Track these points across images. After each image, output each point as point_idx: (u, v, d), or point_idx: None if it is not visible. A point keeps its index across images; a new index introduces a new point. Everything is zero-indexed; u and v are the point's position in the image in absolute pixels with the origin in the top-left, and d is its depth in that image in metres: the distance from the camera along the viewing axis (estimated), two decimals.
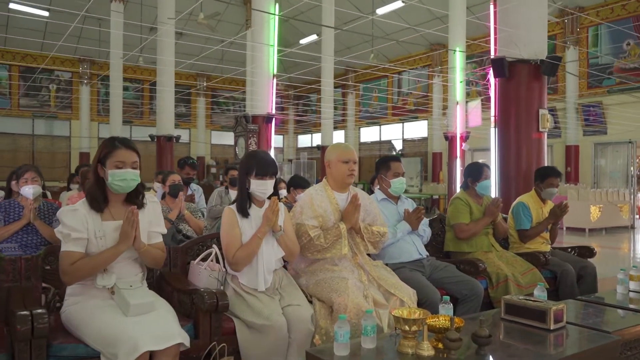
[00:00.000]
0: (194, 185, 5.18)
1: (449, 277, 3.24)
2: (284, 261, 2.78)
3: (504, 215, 4.08)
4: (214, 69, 20.09)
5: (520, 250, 3.92)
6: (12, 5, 16.26)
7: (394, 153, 20.04)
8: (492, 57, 5.03)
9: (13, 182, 3.61)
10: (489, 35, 5.66)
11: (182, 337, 2.03)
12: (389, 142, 21.18)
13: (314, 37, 17.69)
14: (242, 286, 2.53)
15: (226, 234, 2.55)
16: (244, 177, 2.61)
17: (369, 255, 3.10)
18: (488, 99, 6.38)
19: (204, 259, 2.70)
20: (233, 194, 6.36)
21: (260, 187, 2.58)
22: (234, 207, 2.61)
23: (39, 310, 1.91)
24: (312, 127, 23.27)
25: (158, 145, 12.78)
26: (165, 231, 2.39)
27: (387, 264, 3.23)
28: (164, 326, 2.04)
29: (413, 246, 3.33)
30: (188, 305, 2.41)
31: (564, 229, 10.38)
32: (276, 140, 24.82)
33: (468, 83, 14.96)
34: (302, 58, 15.78)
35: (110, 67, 15.12)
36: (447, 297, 2.35)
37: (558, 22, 14.07)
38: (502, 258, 3.66)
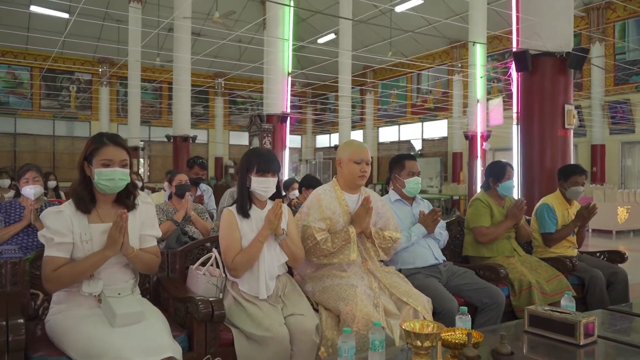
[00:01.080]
0: (203, 186, 5.03)
1: (467, 283, 3.01)
2: (289, 267, 2.59)
3: (527, 218, 3.83)
4: (232, 69, 20.06)
5: (545, 255, 3.67)
6: (32, 8, 16.46)
7: (413, 153, 19.74)
8: (514, 50, 4.77)
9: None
10: (511, 31, 5.39)
11: (172, 350, 1.87)
12: (408, 142, 20.88)
13: (331, 35, 17.49)
14: (242, 293, 2.35)
15: (225, 237, 2.38)
16: (244, 174, 2.44)
17: (381, 260, 2.91)
18: (510, 96, 6.11)
19: (203, 264, 2.54)
20: None
21: (262, 185, 2.40)
22: (233, 208, 2.44)
23: (18, 321, 1.77)
24: (330, 127, 23.08)
25: (174, 146, 12.74)
26: (159, 234, 2.23)
27: (400, 270, 3.03)
28: (154, 338, 1.88)
29: (429, 250, 3.12)
30: (183, 314, 2.24)
31: (590, 231, 10.00)
32: (294, 141, 24.95)
33: (489, 80, 14.60)
34: (320, 57, 15.62)
35: (128, 68, 15.17)
36: (465, 308, 2.13)
37: (583, 17, 13.63)
38: (526, 263, 3.42)
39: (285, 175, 8.50)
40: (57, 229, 1.94)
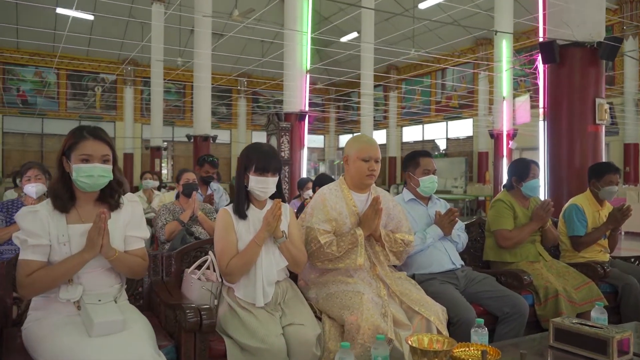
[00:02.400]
0: (214, 185, 4.89)
1: (487, 291, 2.77)
2: (292, 272, 2.40)
3: (554, 220, 3.55)
4: (254, 70, 20.02)
5: (574, 260, 3.40)
6: (58, 10, 16.72)
7: (437, 153, 19.37)
8: (540, 40, 4.47)
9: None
10: (537, 21, 5.09)
11: None
12: (432, 141, 20.49)
13: (354, 34, 17.26)
14: (237, 300, 2.17)
15: (220, 239, 2.20)
16: (242, 172, 2.26)
17: (394, 265, 2.69)
18: (537, 92, 5.79)
19: (199, 267, 2.37)
20: None
21: (260, 184, 2.22)
22: (230, 208, 2.26)
23: None
24: (353, 126, 22.83)
25: (195, 145, 12.70)
26: (147, 235, 2.07)
27: (414, 275, 2.81)
28: (135, 349, 1.71)
29: (445, 254, 2.88)
30: (172, 323, 2.07)
31: (623, 234, 9.54)
32: (316, 140, 24.80)
33: (516, 77, 14.13)
34: (343, 56, 15.43)
35: (150, 69, 15.24)
36: (481, 320, 1.91)
37: (615, 10, 13.08)
38: (552, 269, 3.15)
39: (304, 174, 8.32)
40: (31, 230, 1.79)
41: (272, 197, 2.32)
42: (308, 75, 8.39)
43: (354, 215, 2.47)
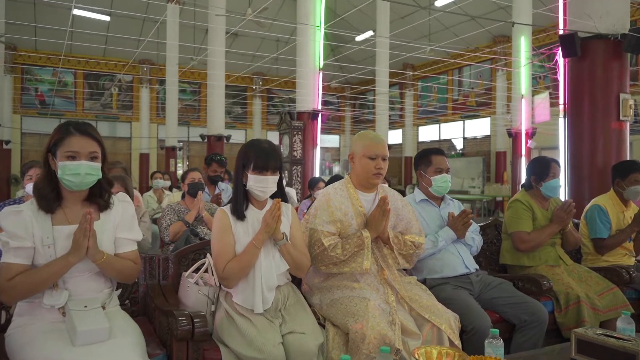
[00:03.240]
0: (222, 185, 4.78)
1: (503, 297, 2.60)
2: (293, 276, 2.27)
3: (576, 221, 3.37)
4: (269, 70, 19.97)
5: (597, 264, 3.21)
6: (75, 12, 16.86)
7: (454, 153, 19.07)
8: (560, 33, 4.26)
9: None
10: (558, 20, 4.87)
11: None
12: (449, 140, 20.18)
13: (369, 33, 17.08)
14: (235, 306, 2.04)
15: (217, 241, 2.08)
16: (240, 170, 2.13)
17: (404, 269, 2.55)
18: (557, 89, 5.57)
19: (197, 270, 2.25)
20: None
21: (259, 183, 2.09)
22: (227, 208, 2.14)
23: None
24: (368, 126, 22.63)
25: (208, 145, 12.68)
26: (139, 237, 1.95)
27: (425, 280, 2.66)
28: (121, 359, 1.60)
29: (458, 258, 2.72)
30: (165, 330, 1.95)
31: None
32: (331, 140, 24.66)
33: (535, 75, 13.80)
34: (358, 55, 15.27)
35: (166, 69, 15.27)
36: (496, 331, 1.76)
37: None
38: (573, 274, 2.97)
39: (317, 174, 8.19)
40: (14, 231, 1.69)
41: (273, 196, 2.19)
42: (321, 73, 8.24)
43: (361, 216, 2.33)
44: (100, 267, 1.78)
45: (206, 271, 2.22)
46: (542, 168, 3.09)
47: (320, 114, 8.33)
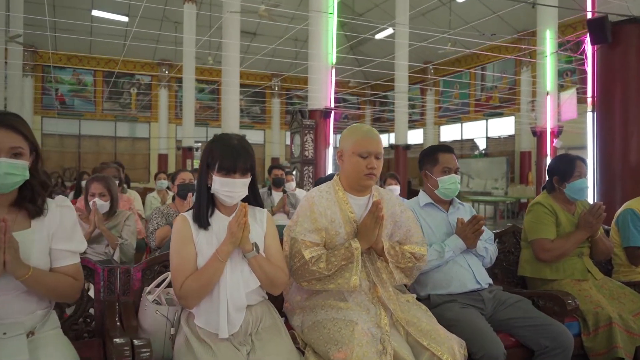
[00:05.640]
0: None
1: (521, 317, 2.23)
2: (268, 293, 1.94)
3: (606, 228, 2.97)
4: (288, 69, 19.73)
5: (631, 278, 2.80)
6: (94, 12, 16.91)
7: (476, 153, 18.52)
8: (588, 17, 3.84)
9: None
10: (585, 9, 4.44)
11: None
12: (471, 140, 19.61)
13: (389, 30, 16.67)
14: (198, 330, 1.73)
15: (175, 253, 1.77)
16: (205, 171, 1.82)
17: (405, 285, 2.21)
18: (584, 82, 5.13)
19: (160, 286, 1.95)
20: (277, 195, 5.66)
21: (225, 187, 1.76)
22: (189, 214, 1.83)
23: None
24: (389, 126, 22.20)
25: None
26: (82, 248, 1.66)
27: (429, 296, 2.31)
28: None
29: (468, 271, 2.36)
30: (111, 357, 1.65)
31: None
32: None
33: (561, 72, 13.19)
34: (378, 54, 14.90)
35: (183, 69, 15.17)
36: None
37: None
38: (604, 289, 2.58)
39: (329, 171, 7.86)
40: None
41: (246, 202, 1.88)
42: (334, 70, 7.92)
43: (350, 224, 1.99)
44: (26, 285, 1.49)
45: (169, 286, 1.91)
46: (566, 167, 2.70)
47: (332, 112, 8.01)
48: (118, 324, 1.84)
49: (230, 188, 1.76)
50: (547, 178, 2.86)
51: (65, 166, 18.92)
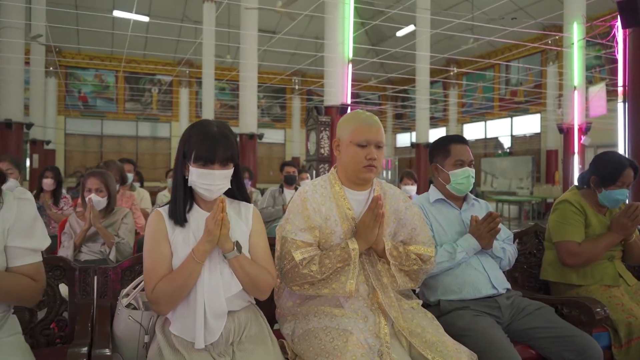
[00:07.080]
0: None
1: (542, 327, 1.99)
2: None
3: None
4: (308, 69, 19.58)
5: None
6: (115, 13, 17.03)
7: (501, 152, 18.05)
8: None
9: None
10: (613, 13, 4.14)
11: None
12: (496, 139, 19.14)
13: (411, 27, 16.36)
14: (173, 338, 1.55)
15: (147, 252, 1.59)
16: (181, 161, 1.63)
17: (413, 291, 1.99)
18: (615, 73, 4.79)
19: (136, 288, 1.77)
20: (288, 193, 5.48)
21: (203, 180, 1.57)
22: (164, 210, 1.64)
23: None
24: (412, 124, 21.86)
25: (240, 143, 12.35)
26: (43, 246, 1.49)
27: (439, 301, 2.08)
28: None
29: (483, 275, 2.12)
30: None
31: None
32: None
33: (589, 67, 12.67)
34: (399, 52, 14.61)
35: (202, 68, 15.17)
36: None
37: None
38: (638, 297, 2.31)
39: None
40: None
41: (231, 196, 1.69)
42: (350, 66, 7.70)
43: (348, 221, 1.78)
44: None
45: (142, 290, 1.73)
46: (612, 171, 2.36)
47: (349, 109, 7.79)
48: (89, 330, 1.67)
49: (208, 180, 1.57)
50: (583, 174, 2.57)
51: (88, 166, 19.12)
